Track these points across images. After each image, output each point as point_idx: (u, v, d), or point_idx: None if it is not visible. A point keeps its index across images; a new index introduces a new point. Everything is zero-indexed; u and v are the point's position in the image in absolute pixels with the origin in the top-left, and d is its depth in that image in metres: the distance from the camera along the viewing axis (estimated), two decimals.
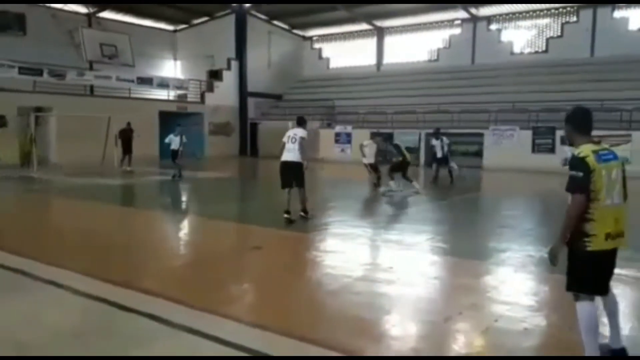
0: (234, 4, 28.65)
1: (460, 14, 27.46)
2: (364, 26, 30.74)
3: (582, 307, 3.22)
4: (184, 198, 13.09)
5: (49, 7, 20.14)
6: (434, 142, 15.91)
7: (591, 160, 3.10)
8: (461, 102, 23.76)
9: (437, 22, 29.09)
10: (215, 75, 28.87)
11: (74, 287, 4.97)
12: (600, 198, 3.10)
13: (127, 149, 18.10)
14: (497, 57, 26.25)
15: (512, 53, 26.80)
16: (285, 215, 8.53)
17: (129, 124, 18.06)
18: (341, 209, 11.08)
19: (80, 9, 23.28)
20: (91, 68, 23.46)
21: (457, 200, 12.69)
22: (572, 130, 3.37)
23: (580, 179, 3.08)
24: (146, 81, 24.86)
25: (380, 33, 30.89)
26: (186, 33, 31.78)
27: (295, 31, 32.94)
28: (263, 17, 30.44)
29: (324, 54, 33.37)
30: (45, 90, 20.99)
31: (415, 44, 29.85)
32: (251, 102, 29.91)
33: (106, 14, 26.25)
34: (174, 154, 15.44)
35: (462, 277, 5.66)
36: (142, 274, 5.60)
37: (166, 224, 9.14)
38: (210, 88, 28.36)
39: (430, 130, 21.72)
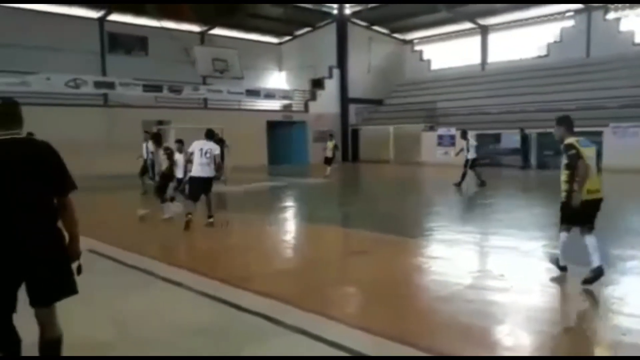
0: (335, 13, 29.25)
1: (573, 4, 25.67)
2: (467, 25, 29.81)
3: (563, 235, 5.34)
4: (289, 203, 13.57)
5: (168, 29, 22.00)
6: (464, 143, 15.15)
7: (576, 145, 5.03)
8: (575, 99, 22.18)
9: (546, 16, 27.43)
10: (317, 84, 29.63)
11: (190, 285, 5.36)
12: None
13: None
14: (616, 48, 24.11)
15: (634, 43, 24.48)
16: (189, 216, 8.53)
17: (217, 134, 18.73)
18: (446, 214, 10.88)
19: (194, 27, 25.15)
20: (204, 82, 25.20)
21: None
22: (564, 130, 5.24)
23: (575, 154, 4.99)
24: (254, 93, 26.17)
25: (484, 31, 29.77)
26: (290, 45, 32.95)
27: (395, 35, 32.80)
28: (363, 23, 30.69)
29: (425, 56, 32.84)
30: (164, 105, 22.93)
31: (522, 40, 28.39)
32: (352, 108, 30.29)
33: (217, 31, 28.05)
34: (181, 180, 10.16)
35: (582, 287, 5.33)
36: (253, 275, 5.87)
37: (275, 228, 9.51)
38: (313, 97, 29.15)
39: (542, 130, 20.63)
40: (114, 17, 25.29)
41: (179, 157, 10.23)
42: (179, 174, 9.99)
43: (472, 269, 6.22)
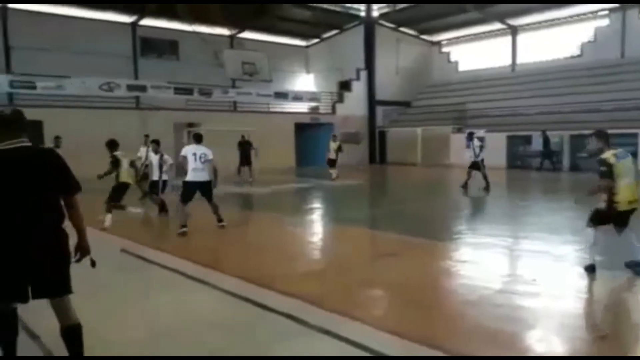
0: (363, 15, 29.28)
1: (607, 4, 25.04)
2: (496, 26, 29.42)
3: (595, 232, 5.51)
4: (317, 205, 13.61)
5: (198, 33, 22.36)
6: (469, 144, 14.94)
7: (612, 159, 5.28)
8: (610, 100, 21.64)
9: (579, 15, 26.85)
10: (345, 86, 29.65)
11: (216, 284, 5.45)
12: (620, 180, 5.27)
13: (244, 161, 18.30)
14: None
15: None
16: (184, 229, 8.33)
17: (243, 136, 18.67)
18: (475, 216, 10.75)
19: (224, 31, 25.46)
20: (234, 85, 25.50)
21: None
22: (604, 144, 5.47)
23: (604, 171, 5.28)
24: (282, 95, 26.39)
25: (514, 32, 29.32)
26: (317, 47, 33.08)
27: (423, 37, 32.60)
28: (391, 25, 30.59)
29: (453, 58, 32.54)
30: (195, 107, 23.32)
31: (554, 41, 27.83)
32: (379, 110, 30.21)
33: (246, 34, 28.35)
34: (155, 184, 10.50)
35: (618, 292, 5.22)
36: (279, 275, 5.90)
37: (301, 229, 9.55)
38: (341, 99, 29.18)
39: (581, 132, 20.21)
40: (146, 21, 25.85)
41: (153, 158, 10.46)
42: (154, 176, 10.04)
43: (502, 273, 6.14)
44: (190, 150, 8.51)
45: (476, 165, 14.39)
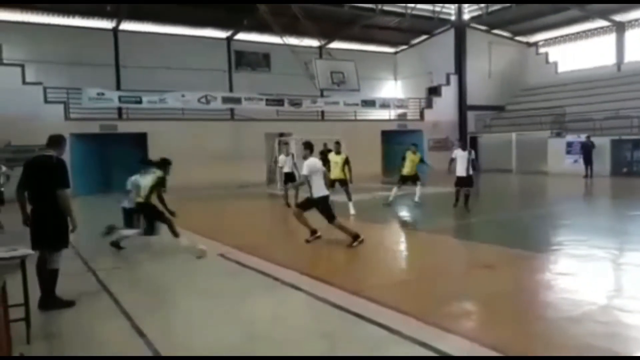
0: (453, 19, 28.68)
1: None
2: (600, 23, 27.52)
3: None
4: (407, 213, 13.47)
5: (289, 45, 23.02)
6: (460, 154, 12.36)
7: None
8: None
9: None
10: (434, 91, 29.15)
11: (311, 291, 5.60)
12: None
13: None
14: None
15: None
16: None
17: (325, 145, 18.04)
18: (577, 227, 10.13)
19: (313, 42, 26.01)
20: (322, 95, 25.95)
21: None
22: None
23: None
24: (369, 103, 26.44)
25: (620, 28, 27.24)
26: (405, 53, 32.78)
27: (517, 38, 31.24)
28: (482, 27, 29.65)
29: (551, 59, 30.82)
30: (285, 117, 24.03)
31: None
32: (471, 115, 29.30)
33: (334, 44, 28.75)
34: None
35: None
36: (373, 284, 5.94)
37: (392, 238, 9.55)
38: (429, 104, 28.70)
39: None
40: (240, 36, 27.09)
41: (286, 160, 12.46)
42: None
43: (609, 288, 5.77)
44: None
45: (468, 182, 12.65)
